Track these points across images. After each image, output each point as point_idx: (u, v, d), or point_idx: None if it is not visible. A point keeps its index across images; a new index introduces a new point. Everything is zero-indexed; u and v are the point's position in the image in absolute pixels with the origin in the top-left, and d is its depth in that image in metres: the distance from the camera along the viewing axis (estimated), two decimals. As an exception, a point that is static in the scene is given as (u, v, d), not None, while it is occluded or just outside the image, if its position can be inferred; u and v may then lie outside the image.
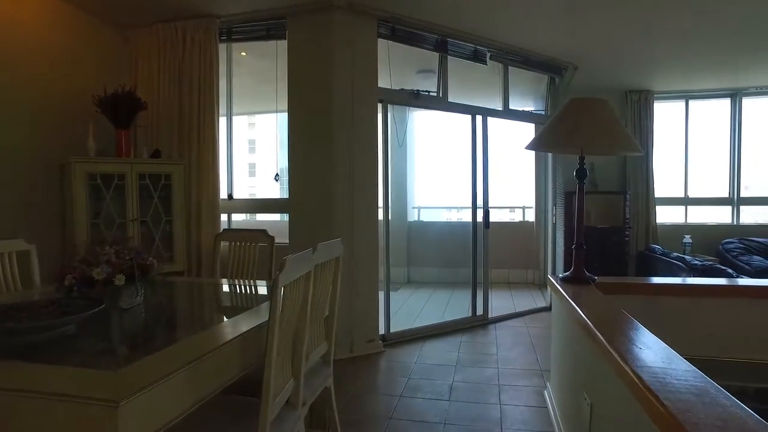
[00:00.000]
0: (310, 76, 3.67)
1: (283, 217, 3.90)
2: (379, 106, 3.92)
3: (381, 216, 4.00)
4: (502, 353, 3.79)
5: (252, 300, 2.38)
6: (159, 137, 3.81)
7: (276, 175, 4.06)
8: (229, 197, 4.14)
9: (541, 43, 4.58)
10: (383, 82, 3.91)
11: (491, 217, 4.70)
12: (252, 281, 2.72)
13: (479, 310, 4.68)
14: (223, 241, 2.98)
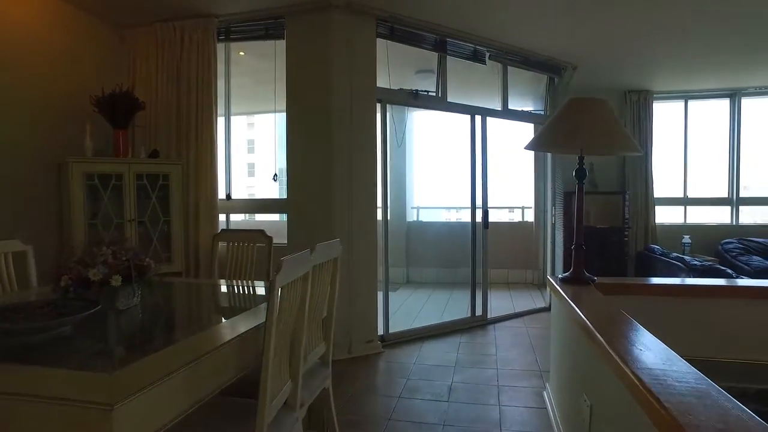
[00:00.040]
0: (309, 75, 3.66)
1: (283, 217, 3.88)
2: (378, 106, 3.91)
3: (380, 216, 4.00)
4: (501, 354, 3.79)
5: (250, 301, 2.37)
6: (157, 137, 3.80)
7: (274, 175, 4.05)
8: (228, 197, 4.13)
9: (540, 43, 4.57)
10: (382, 81, 3.90)
11: (490, 217, 4.70)
12: (250, 282, 2.71)
13: (478, 310, 4.67)
14: (221, 242, 2.96)
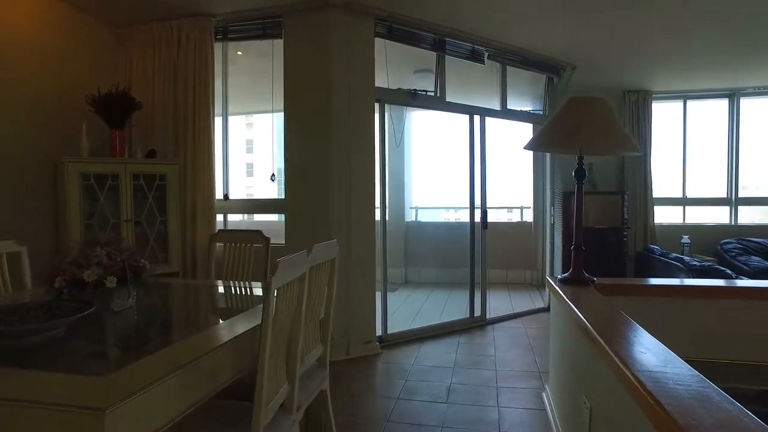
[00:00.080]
0: (307, 75, 3.64)
1: (281, 217, 3.87)
2: (377, 105, 3.89)
3: (378, 216, 3.98)
4: (500, 355, 3.77)
5: (246, 302, 2.35)
6: (154, 137, 3.77)
7: (272, 175, 4.03)
8: (225, 197, 4.11)
9: (539, 43, 4.56)
10: (380, 81, 3.89)
11: (489, 217, 4.68)
12: (247, 283, 2.69)
13: (477, 311, 4.65)
14: (218, 242, 2.95)
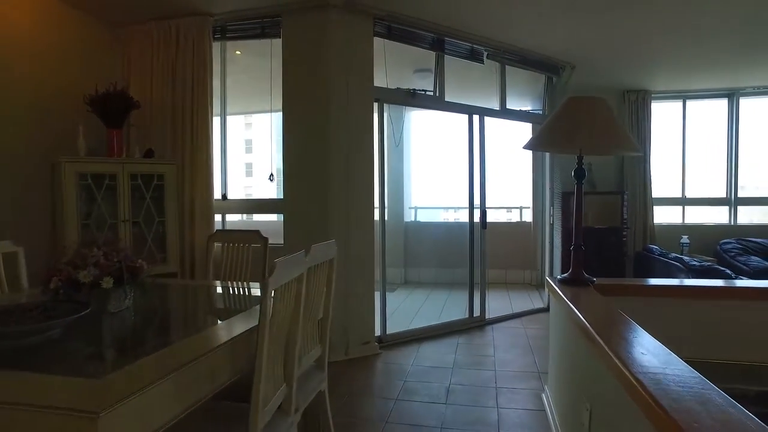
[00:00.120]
0: (306, 75, 3.63)
1: (281, 217, 3.85)
2: (376, 105, 3.88)
3: (377, 216, 3.97)
4: (500, 355, 3.76)
5: (244, 302, 2.33)
6: (152, 137, 3.76)
7: (270, 175, 4.01)
8: (224, 197, 4.09)
9: (538, 42, 4.55)
10: (379, 81, 3.88)
11: (488, 217, 4.67)
12: (245, 283, 2.67)
13: (476, 311, 4.64)
14: (216, 243, 2.93)
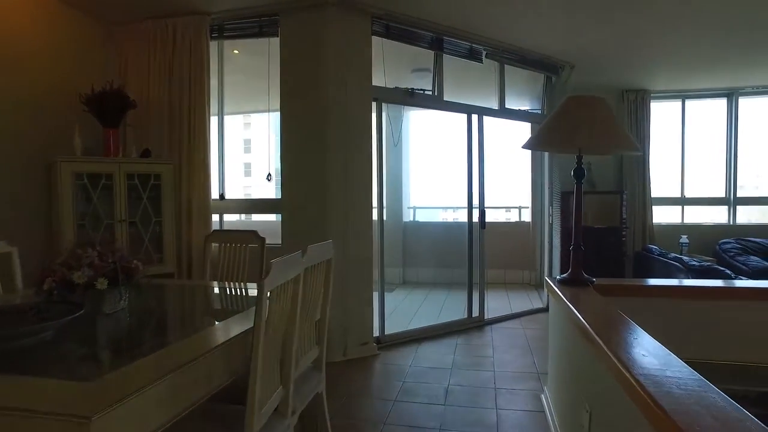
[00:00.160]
0: (303, 74, 3.61)
1: (280, 217, 3.83)
2: (374, 104, 3.86)
3: (376, 216, 3.95)
4: (499, 356, 3.74)
5: (241, 303, 2.32)
6: (149, 136, 3.73)
7: (268, 174, 3.99)
8: (221, 197, 4.07)
9: (537, 42, 4.53)
10: (378, 80, 3.86)
11: (487, 217, 4.66)
12: (242, 284, 2.66)
13: (475, 311, 4.63)
14: (213, 243, 2.91)
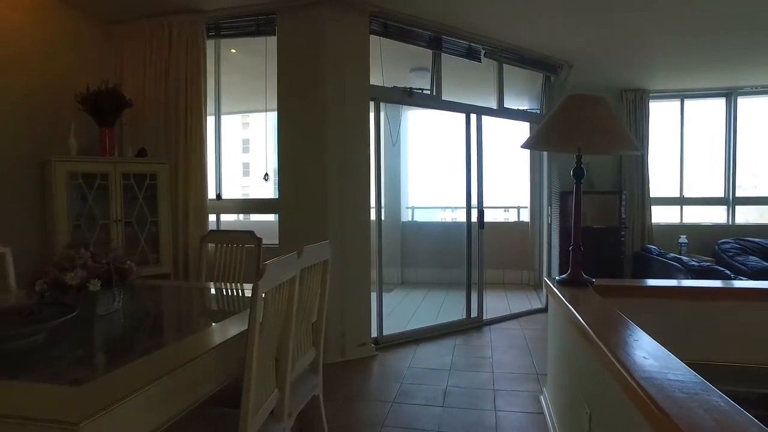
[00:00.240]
0: (301, 73, 3.58)
1: (278, 217, 3.81)
2: (372, 104, 3.83)
3: (374, 216, 3.93)
4: (497, 357, 3.72)
5: (236, 305, 2.29)
6: (145, 136, 3.70)
7: (265, 174, 3.96)
8: (218, 197, 4.05)
9: (536, 41, 4.51)
10: (375, 79, 3.83)
11: (486, 217, 4.63)
12: (238, 284, 2.63)
13: (474, 311, 4.60)
14: (209, 243, 2.88)
